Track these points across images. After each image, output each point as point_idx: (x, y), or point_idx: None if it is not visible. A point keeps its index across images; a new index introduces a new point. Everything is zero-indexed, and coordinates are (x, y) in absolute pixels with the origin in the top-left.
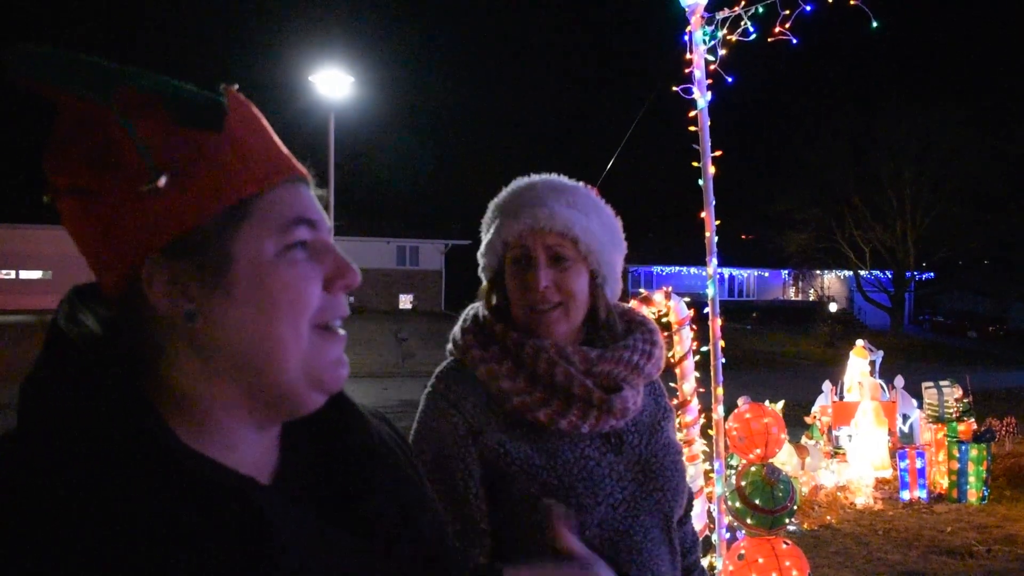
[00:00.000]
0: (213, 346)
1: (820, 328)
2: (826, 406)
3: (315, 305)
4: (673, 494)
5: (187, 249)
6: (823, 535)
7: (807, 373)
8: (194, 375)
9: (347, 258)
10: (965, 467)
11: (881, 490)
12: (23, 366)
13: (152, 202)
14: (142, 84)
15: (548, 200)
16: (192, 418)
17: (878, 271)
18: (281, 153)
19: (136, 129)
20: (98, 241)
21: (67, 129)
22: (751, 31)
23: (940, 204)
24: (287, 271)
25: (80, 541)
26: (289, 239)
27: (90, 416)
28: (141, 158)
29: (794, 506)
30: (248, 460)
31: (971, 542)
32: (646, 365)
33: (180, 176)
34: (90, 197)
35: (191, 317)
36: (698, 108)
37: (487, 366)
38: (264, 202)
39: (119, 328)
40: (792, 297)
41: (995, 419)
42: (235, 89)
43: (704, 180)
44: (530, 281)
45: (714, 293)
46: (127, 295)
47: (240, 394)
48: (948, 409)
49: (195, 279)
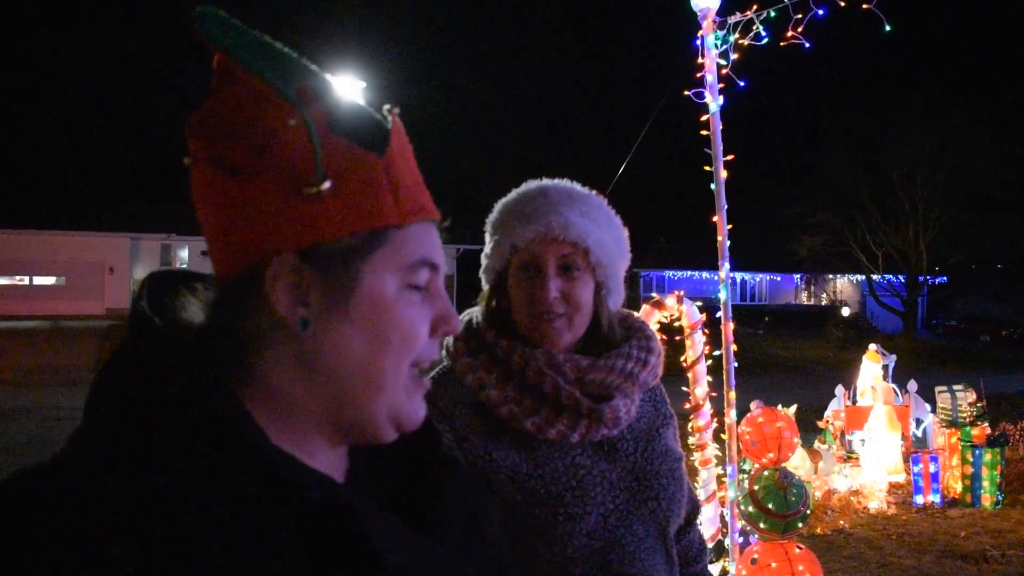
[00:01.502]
0: (317, 359)
1: (833, 332)
2: (839, 410)
3: (420, 347)
4: (668, 503)
5: (320, 259)
6: (836, 540)
7: (820, 377)
8: (291, 379)
9: (452, 306)
10: (979, 471)
11: (894, 494)
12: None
13: (305, 204)
14: (318, 84)
15: (562, 208)
16: (278, 419)
17: (891, 275)
18: (424, 191)
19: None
20: (233, 222)
21: (234, 102)
22: (763, 35)
23: (953, 208)
24: (405, 310)
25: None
26: (412, 279)
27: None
28: (312, 158)
29: (807, 510)
30: (323, 467)
31: (985, 547)
32: (640, 373)
33: (336, 186)
34: (238, 176)
35: (305, 325)
36: (710, 112)
37: (475, 374)
38: (401, 235)
39: (223, 312)
40: (804, 301)
41: (1009, 423)
42: (397, 113)
43: (716, 184)
44: (538, 290)
45: (726, 297)
46: (245, 283)
47: (327, 410)
48: (962, 413)
49: (317, 290)
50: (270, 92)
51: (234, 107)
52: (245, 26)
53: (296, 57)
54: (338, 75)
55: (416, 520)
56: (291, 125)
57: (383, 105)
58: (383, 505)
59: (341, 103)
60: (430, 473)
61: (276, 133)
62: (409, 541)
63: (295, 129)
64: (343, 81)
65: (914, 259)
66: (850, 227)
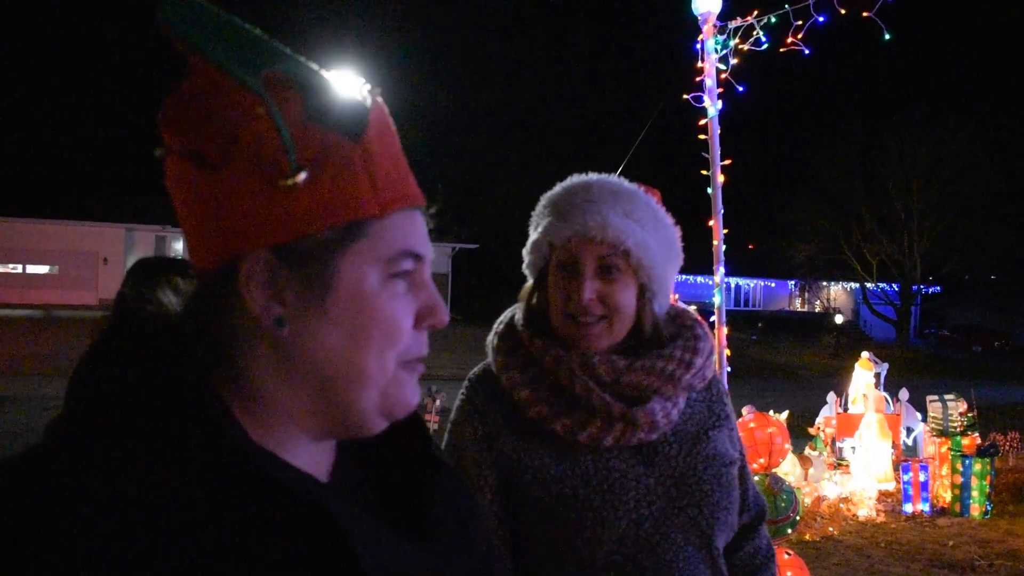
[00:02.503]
0: (295, 357)
1: (826, 339)
2: (830, 417)
3: (405, 341)
4: (713, 510)
5: (294, 255)
6: (825, 546)
7: (812, 384)
8: (269, 377)
9: (439, 297)
10: (968, 481)
11: (884, 502)
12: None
13: (278, 196)
14: (291, 69)
15: (603, 207)
16: (258, 415)
17: (885, 284)
18: (407, 176)
19: (282, 117)
20: (205, 216)
21: (201, 90)
22: (763, 41)
23: (948, 219)
24: (387, 303)
25: (136, 542)
26: (394, 269)
27: (158, 405)
28: (284, 150)
29: (797, 516)
30: (306, 465)
31: (973, 556)
32: (683, 375)
33: (310, 177)
34: (208, 169)
35: (279, 323)
36: (708, 116)
37: (508, 374)
38: (381, 226)
39: (200, 307)
40: (798, 308)
41: (999, 434)
42: (378, 94)
43: (713, 188)
44: (573, 290)
45: (721, 302)
46: (218, 280)
47: (309, 407)
48: (952, 423)
49: (293, 287)
50: (234, 83)
51: (201, 96)
52: (213, 9)
53: (266, 40)
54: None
55: (403, 524)
56: (259, 113)
57: (363, 86)
58: (368, 506)
59: (315, 87)
60: (419, 476)
61: (245, 123)
62: (392, 545)
63: (264, 118)
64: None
65: (908, 268)
66: (845, 235)
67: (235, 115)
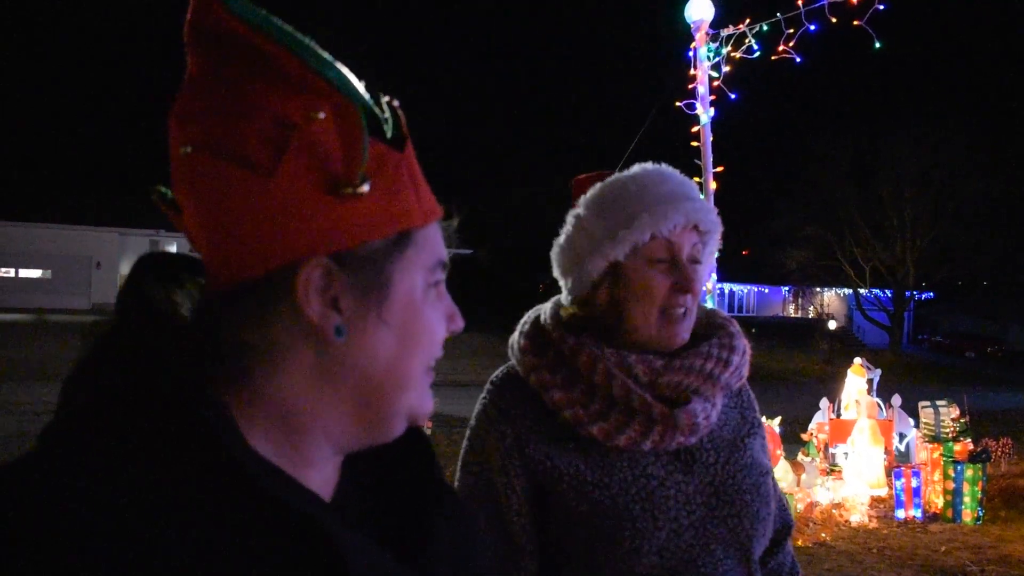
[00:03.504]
0: (346, 364)
1: (819, 345)
2: (823, 423)
3: (440, 347)
4: (752, 521)
5: (352, 262)
6: (817, 552)
7: (805, 390)
8: (301, 389)
9: (454, 304)
10: (960, 487)
11: (876, 508)
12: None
13: (340, 204)
14: (342, 81)
15: (692, 194)
16: (278, 431)
17: (878, 290)
18: (429, 190)
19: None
20: (251, 222)
21: (248, 86)
22: (755, 49)
23: (940, 225)
24: (431, 310)
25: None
26: (433, 278)
27: (158, 416)
28: (354, 155)
29: None
30: (319, 480)
31: (965, 562)
32: (722, 374)
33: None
34: (254, 171)
35: (339, 332)
36: (701, 124)
37: (539, 374)
38: (423, 235)
39: (225, 318)
40: (792, 314)
41: (991, 440)
42: (399, 106)
43: (705, 195)
44: (679, 280)
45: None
46: (263, 287)
47: (346, 416)
48: (944, 429)
49: (350, 294)
50: (304, 78)
51: (248, 92)
52: (274, 17)
53: (319, 49)
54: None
55: (402, 549)
56: (320, 118)
57: (382, 97)
58: (368, 529)
59: (364, 98)
60: (422, 500)
61: (300, 126)
62: (390, 571)
63: (324, 122)
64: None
65: (901, 274)
66: (839, 241)
67: (292, 117)
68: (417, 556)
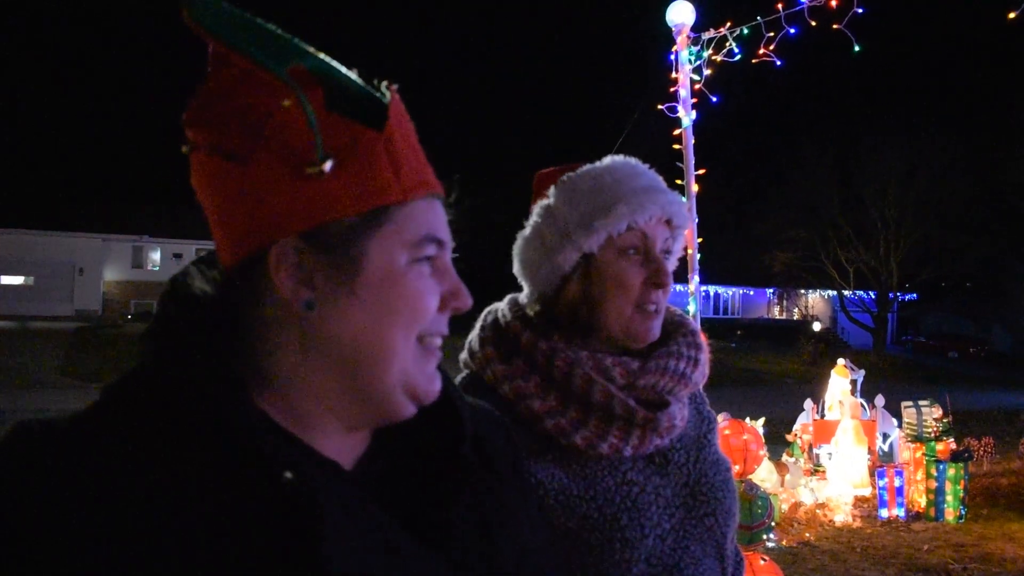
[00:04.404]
0: (323, 339)
1: (804, 347)
2: (807, 424)
3: (429, 320)
4: (726, 517)
5: (323, 240)
6: (802, 552)
7: (790, 391)
8: (294, 363)
9: (461, 282)
10: (943, 486)
11: (860, 508)
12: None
13: (306, 185)
14: (313, 64)
15: (665, 187)
16: (287, 401)
17: (862, 291)
18: (426, 167)
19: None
20: (233, 209)
21: (228, 87)
22: (736, 52)
23: (923, 226)
24: (412, 283)
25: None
26: (418, 253)
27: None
28: (312, 138)
29: (772, 522)
30: (333, 447)
31: (947, 560)
32: (693, 374)
33: (336, 166)
34: (235, 162)
35: (309, 306)
36: (683, 126)
37: (512, 383)
38: (404, 212)
39: (229, 299)
40: (776, 316)
41: (973, 439)
42: (396, 89)
43: (688, 197)
44: (653, 274)
45: (695, 309)
46: (246, 268)
47: (335, 391)
48: (927, 428)
49: (322, 271)
50: (263, 73)
51: (228, 92)
52: (235, 8)
53: (288, 37)
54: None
55: (419, 523)
56: (285, 106)
57: (380, 81)
58: (387, 501)
59: (338, 80)
60: (446, 476)
61: (272, 115)
62: (392, 546)
63: (291, 109)
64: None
65: (885, 276)
66: (822, 243)
67: (262, 108)
68: (433, 532)
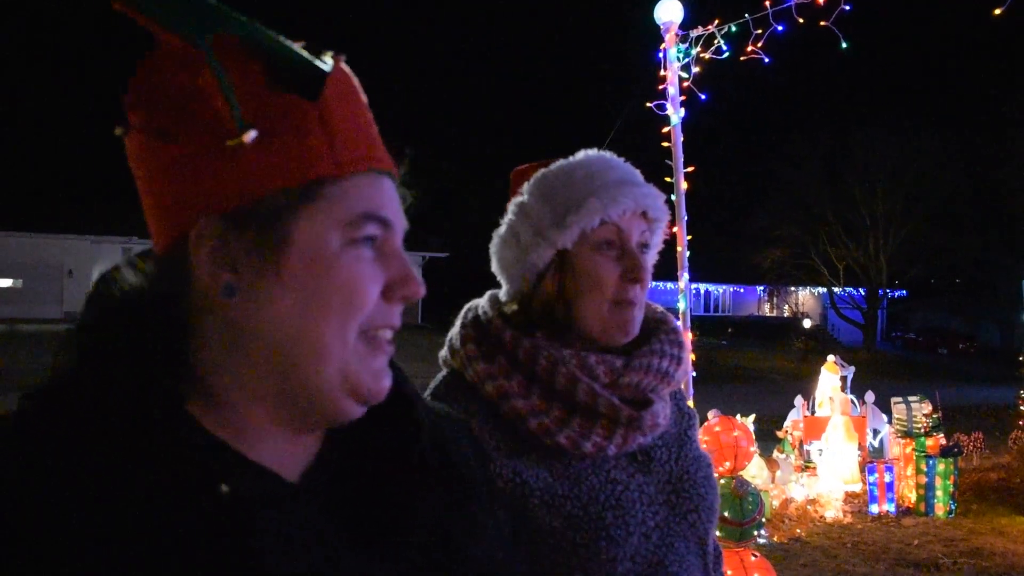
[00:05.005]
0: (248, 331)
1: (794, 344)
2: (798, 420)
3: (369, 310)
4: (708, 514)
5: (247, 218)
6: (793, 548)
7: (780, 388)
8: (220, 359)
9: (413, 269)
10: (932, 481)
11: (850, 504)
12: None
13: (228, 160)
14: (244, 33)
15: (639, 179)
16: (214, 402)
17: (851, 288)
18: (372, 140)
19: (230, 78)
20: (162, 189)
21: (157, 64)
22: (724, 49)
23: (912, 224)
24: (348, 267)
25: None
26: (356, 233)
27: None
28: (230, 110)
29: (762, 518)
30: (270, 457)
31: (937, 555)
32: (675, 372)
33: (262, 139)
34: (166, 140)
35: (229, 292)
36: (671, 124)
37: (495, 383)
38: (340, 188)
39: (156, 288)
40: (767, 313)
41: (963, 434)
42: (343, 61)
43: (676, 195)
44: (631, 271)
45: (685, 307)
46: (174, 254)
47: (268, 390)
48: (916, 424)
49: (246, 253)
50: (186, 45)
51: (159, 68)
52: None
53: (214, 5)
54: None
55: (373, 532)
56: (206, 77)
57: (326, 52)
58: (336, 511)
59: (268, 50)
60: (402, 481)
61: (196, 89)
62: (333, 562)
63: (211, 81)
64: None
65: (874, 273)
66: (812, 240)
67: (185, 81)
68: (388, 540)
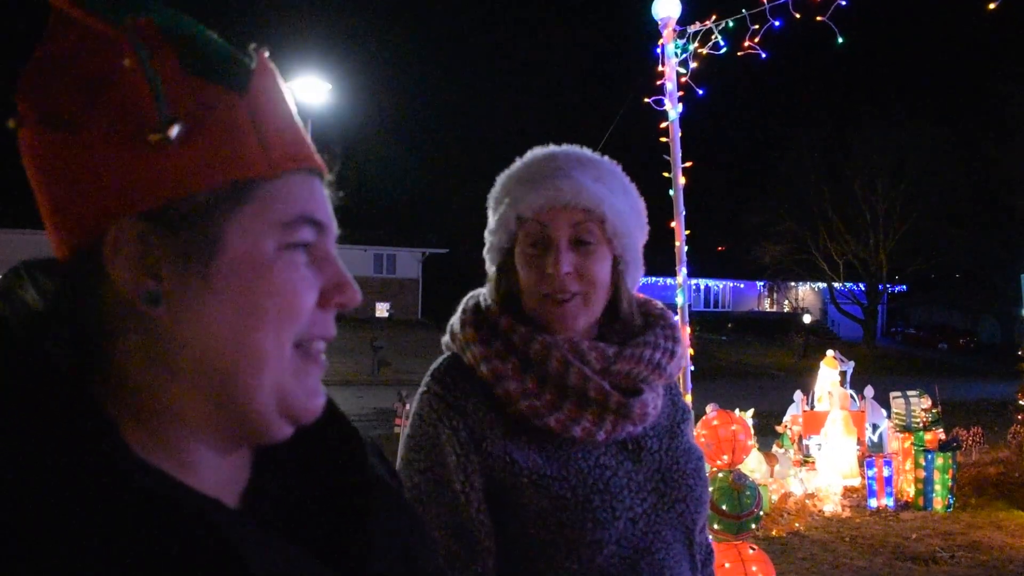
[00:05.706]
0: (176, 343)
1: (794, 339)
2: (797, 415)
3: (305, 319)
4: (696, 504)
5: (171, 220)
6: (791, 542)
7: (780, 383)
8: (150, 372)
9: (348, 274)
10: (931, 475)
11: (849, 498)
12: None
13: (147, 155)
14: (163, 18)
15: (573, 172)
16: (142, 424)
17: (852, 283)
18: (301, 138)
19: (153, 65)
20: (65, 187)
21: (61, 46)
22: (722, 45)
23: (912, 219)
24: (283, 274)
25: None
26: (290, 238)
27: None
28: (153, 99)
29: (760, 511)
30: (209, 482)
31: (935, 549)
32: (668, 364)
33: (188, 134)
34: (69, 131)
35: (153, 300)
36: (669, 120)
37: (490, 365)
38: (271, 188)
39: (65, 299)
40: (767, 308)
41: (962, 429)
42: (266, 55)
43: (675, 190)
44: (548, 266)
45: (683, 302)
46: (84, 262)
47: (200, 407)
48: (915, 419)
49: (170, 259)
50: (101, 27)
51: (65, 53)
52: None
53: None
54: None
55: (331, 553)
56: (126, 64)
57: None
58: (288, 534)
59: (190, 38)
60: (352, 497)
61: (111, 74)
62: (306, 570)
63: (133, 68)
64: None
65: (874, 268)
66: (812, 236)
67: (97, 65)
68: (348, 560)
